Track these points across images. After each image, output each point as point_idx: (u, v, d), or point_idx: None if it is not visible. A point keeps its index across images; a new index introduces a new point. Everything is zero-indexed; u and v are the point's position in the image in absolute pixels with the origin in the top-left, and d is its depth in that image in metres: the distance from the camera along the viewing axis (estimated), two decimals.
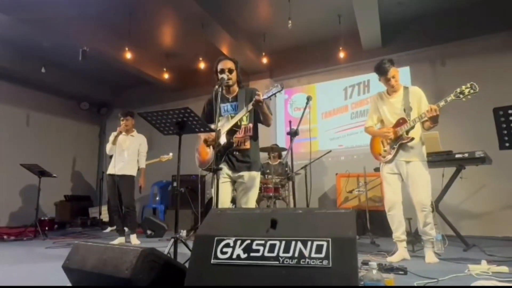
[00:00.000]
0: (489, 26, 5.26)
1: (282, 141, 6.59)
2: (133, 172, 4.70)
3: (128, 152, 4.69)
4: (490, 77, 5.07)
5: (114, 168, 4.58)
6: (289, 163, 4.01)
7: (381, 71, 3.12)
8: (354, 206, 5.04)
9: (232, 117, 2.69)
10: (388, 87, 3.18)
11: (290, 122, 3.38)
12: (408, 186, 3.03)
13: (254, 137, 2.82)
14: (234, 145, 2.70)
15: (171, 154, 5.29)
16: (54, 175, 5.52)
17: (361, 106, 6.13)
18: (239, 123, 2.68)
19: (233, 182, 2.78)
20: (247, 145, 2.76)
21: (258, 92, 2.56)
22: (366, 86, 6.18)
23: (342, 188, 5.27)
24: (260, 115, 2.71)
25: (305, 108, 3.12)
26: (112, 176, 4.60)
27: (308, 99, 3.17)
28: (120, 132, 4.62)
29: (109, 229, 6.32)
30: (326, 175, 6.07)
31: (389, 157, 3.11)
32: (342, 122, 6.26)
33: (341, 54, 6.06)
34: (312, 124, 6.26)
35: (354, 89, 6.29)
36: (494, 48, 5.26)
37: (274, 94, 2.51)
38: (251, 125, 2.80)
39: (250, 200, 2.73)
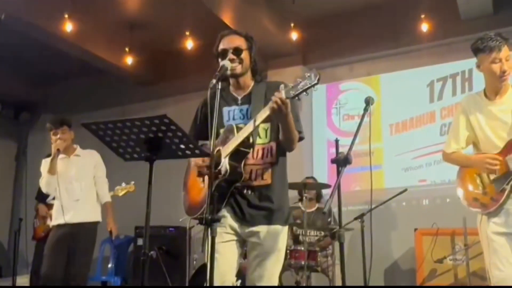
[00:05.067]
0: None
1: (322, 171, 6.57)
2: (98, 216, 4.81)
3: (80, 182, 4.77)
4: None
5: (63, 214, 4.64)
6: (334, 209, 3.97)
7: (485, 47, 3.09)
8: (448, 285, 4.98)
9: (239, 129, 2.69)
10: (492, 78, 3.14)
11: (336, 140, 3.37)
12: None
13: (279, 166, 2.81)
14: (243, 179, 2.69)
15: (132, 183, 5.34)
16: None
17: None
18: (250, 140, 2.67)
19: (242, 242, 2.78)
20: (267, 178, 2.75)
21: (282, 88, 2.50)
22: (467, 80, 6.15)
23: (426, 253, 5.20)
24: (280, 130, 2.68)
25: (362, 117, 3.08)
26: (59, 228, 4.66)
27: (368, 101, 3.16)
28: (58, 151, 4.67)
29: None
30: (398, 232, 5.99)
31: (494, 205, 3.07)
32: (426, 141, 6.21)
33: (424, 26, 6.05)
34: (374, 144, 6.23)
35: (446, 85, 6.27)
36: None
37: (305, 90, 2.45)
38: (273, 145, 2.79)
39: (269, 274, 2.71)
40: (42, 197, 6.51)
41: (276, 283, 2.76)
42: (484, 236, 3.16)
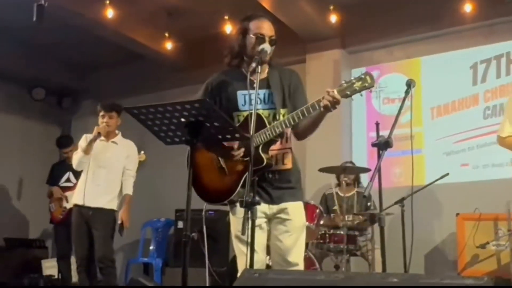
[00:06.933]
0: None
1: (361, 156, 6.55)
2: (114, 205, 4.86)
3: (108, 169, 4.86)
4: None
5: (84, 196, 4.75)
6: (373, 193, 3.95)
7: None
8: (490, 272, 4.91)
9: (265, 116, 2.81)
10: None
11: (377, 124, 3.36)
12: None
13: (293, 151, 2.97)
14: (272, 165, 2.82)
15: (141, 153, 5.36)
16: None
17: (503, 96, 5.96)
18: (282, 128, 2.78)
19: (268, 222, 2.90)
20: (287, 163, 2.90)
21: (330, 90, 2.58)
22: None
23: (468, 239, 5.15)
24: (302, 120, 2.77)
25: (403, 100, 3.09)
26: (80, 208, 4.78)
27: (409, 84, 3.14)
28: (99, 134, 4.77)
29: None
30: (439, 217, 5.95)
31: None
32: (468, 124, 6.14)
33: (467, 7, 5.91)
34: (414, 128, 6.14)
35: (490, 67, 6.14)
36: None
37: (360, 91, 2.57)
38: (289, 130, 2.93)
39: (299, 248, 2.90)
40: (53, 180, 6.66)
41: (303, 254, 2.97)
42: None
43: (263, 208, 2.78)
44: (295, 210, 2.86)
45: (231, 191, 2.78)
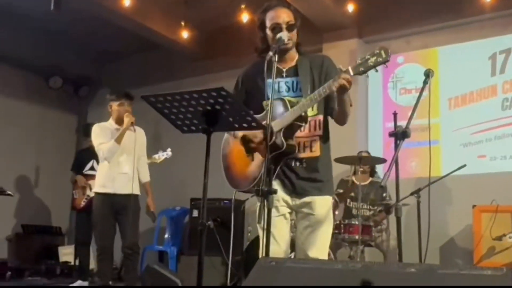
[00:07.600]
0: None
1: (377, 146, 6.54)
2: (138, 190, 5.01)
3: (131, 157, 4.93)
4: None
5: (113, 184, 4.85)
6: (389, 184, 3.93)
7: None
8: (506, 264, 4.86)
9: (291, 103, 2.74)
10: None
11: (395, 114, 3.34)
12: None
13: (326, 138, 2.88)
14: (294, 151, 2.75)
15: (168, 150, 5.48)
16: (9, 192, 5.87)
17: None
18: (303, 114, 2.72)
19: (291, 213, 2.86)
20: (316, 150, 2.82)
21: (341, 68, 2.58)
22: None
23: (484, 231, 5.14)
24: (334, 105, 2.76)
25: (421, 91, 3.06)
26: (108, 197, 4.85)
27: (427, 74, 3.12)
28: (132, 124, 4.87)
29: (79, 283, 6.49)
30: (455, 208, 5.91)
31: None
32: (486, 115, 6.09)
33: None
34: (432, 119, 6.11)
35: (509, 58, 6.07)
36: None
37: (374, 67, 2.53)
38: (321, 117, 2.86)
39: (322, 244, 2.80)
40: (78, 168, 6.73)
41: (327, 251, 2.87)
42: None
43: (285, 198, 2.78)
44: (320, 205, 2.77)
45: (254, 178, 2.75)
